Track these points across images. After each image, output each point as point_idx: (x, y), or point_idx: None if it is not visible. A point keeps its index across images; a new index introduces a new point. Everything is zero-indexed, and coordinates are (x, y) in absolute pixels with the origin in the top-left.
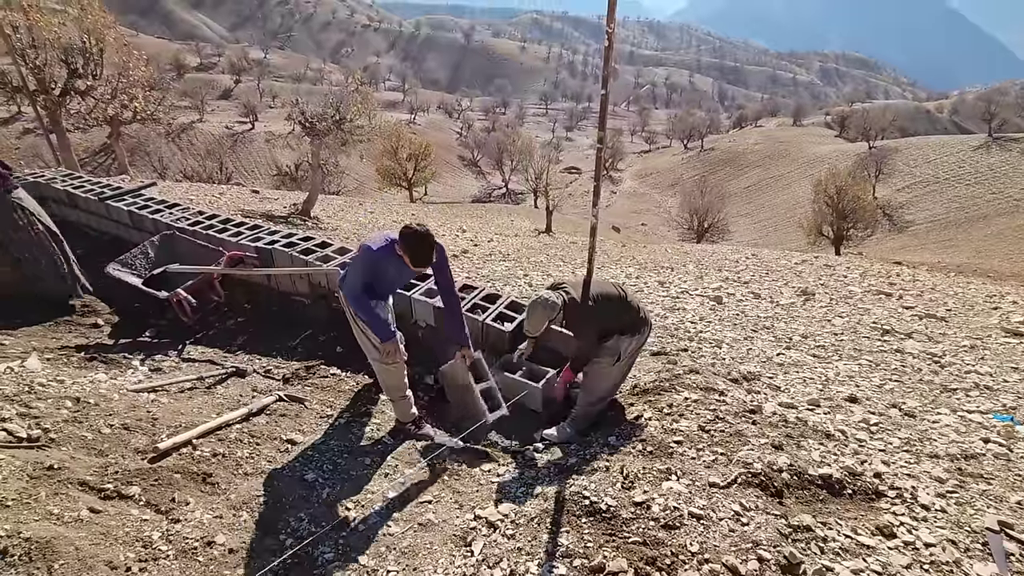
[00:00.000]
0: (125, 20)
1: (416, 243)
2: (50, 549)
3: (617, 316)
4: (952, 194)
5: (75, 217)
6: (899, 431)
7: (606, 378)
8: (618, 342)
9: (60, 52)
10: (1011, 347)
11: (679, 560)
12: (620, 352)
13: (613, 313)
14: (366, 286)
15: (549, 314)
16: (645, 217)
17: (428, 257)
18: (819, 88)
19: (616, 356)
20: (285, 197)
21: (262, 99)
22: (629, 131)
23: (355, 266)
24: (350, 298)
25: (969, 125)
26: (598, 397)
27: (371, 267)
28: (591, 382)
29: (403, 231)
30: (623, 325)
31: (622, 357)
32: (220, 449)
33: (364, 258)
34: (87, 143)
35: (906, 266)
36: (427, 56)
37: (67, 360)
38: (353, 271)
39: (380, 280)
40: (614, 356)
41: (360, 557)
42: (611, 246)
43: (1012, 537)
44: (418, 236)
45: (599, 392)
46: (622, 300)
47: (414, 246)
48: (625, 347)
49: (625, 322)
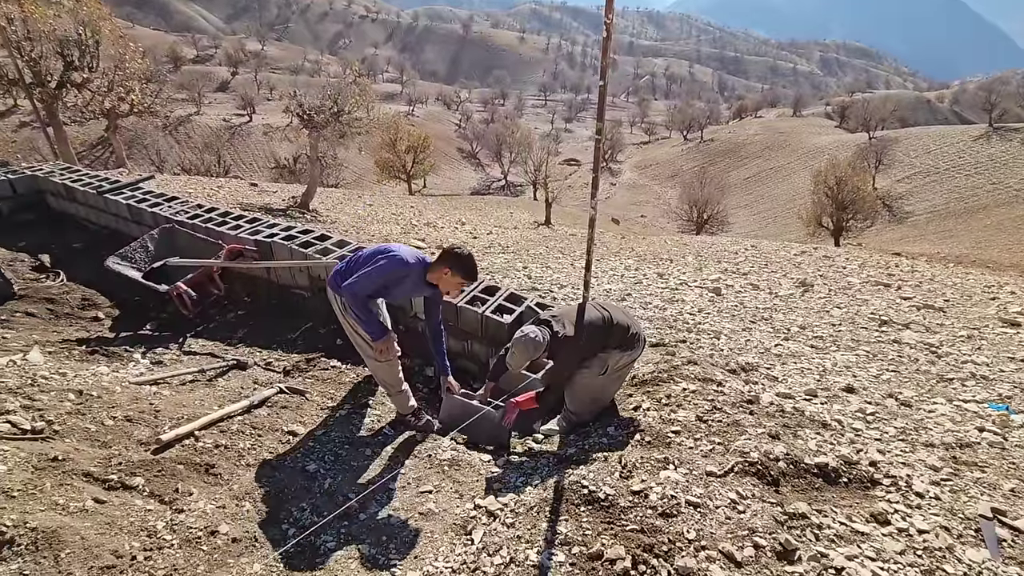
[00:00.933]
0: (121, 12)
1: (468, 262)
2: (56, 539)
3: (603, 341)
4: (952, 184)
5: (74, 211)
6: (895, 420)
7: (589, 389)
8: (607, 355)
9: (56, 44)
10: (1008, 337)
11: (676, 547)
12: (608, 365)
13: (599, 340)
14: (376, 291)
15: (533, 354)
16: (644, 209)
17: (476, 271)
18: (819, 78)
19: (604, 368)
20: (284, 190)
21: (259, 91)
22: (629, 122)
23: (375, 271)
24: (350, 296)
25: (970, 115)
26: (582, 407)
27: (395, 277)
28: (574, 390)
29: (451, 252)
30: (609, 345)
31: (609, 370)
32: (222, 440)
33: (391, 267)
34: (84, 136)
35: (905, 257)
36: (425, 47)
37: (69, 353)
38: (368, 276)
39: (391, 289)
40: (602, 368)
41: (362, 546)
42: (610, 238)
43: (1005, 524)
44: (468, 256)
45: (582, 400)
46: (607, 324)
47: (467, 264)
48: (614, 361)
49: (611, 344)
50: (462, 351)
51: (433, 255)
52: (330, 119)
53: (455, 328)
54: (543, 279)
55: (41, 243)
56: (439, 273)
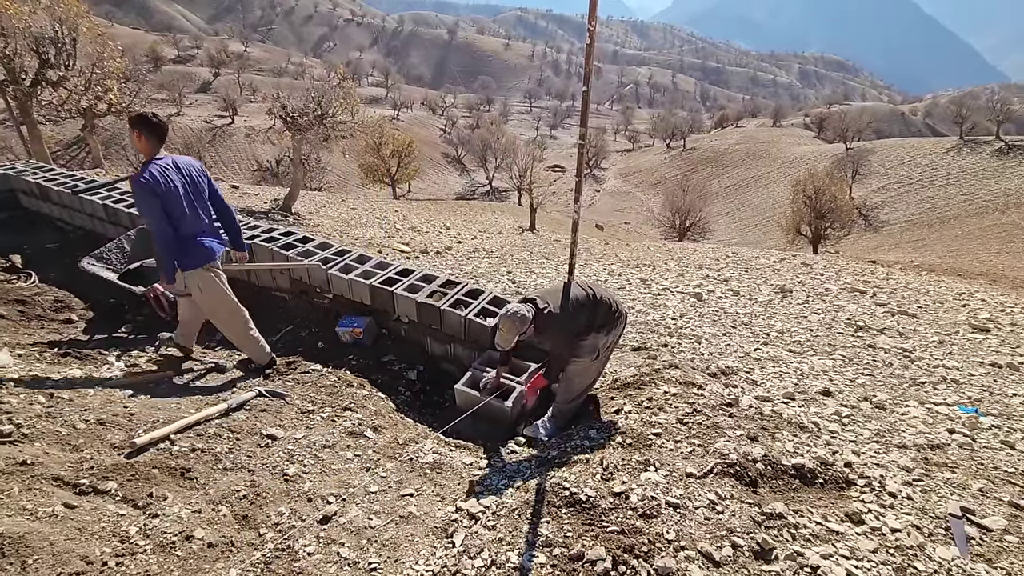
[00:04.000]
0: (99, 10)
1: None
2: (23, 544)
3: (589, 317)
4: (925, 195)
5: (47, 210)
6: (869, 423)
7: (585, 375)
8: (596, 339)
9: (31, 41)
10: (978, 342)
11: (656, 547)
12: (598, 348)
13: (585, 316)
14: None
15: (519, 327)
16: (628, 215)
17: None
18: (798, 90)
19: (595, 353)
20: (266, 192)
21: (242, 93)
22: (613, 130)
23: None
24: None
25: (942, 128)
26: (576, 395)
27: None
28: (570, 380)
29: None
30: (597, 324)
31: (600, 353)
32: (199, 444)
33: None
34: (59, 135)
35: (880, 265)
36: (410, 52)
37: (40, 356)
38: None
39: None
40: (593, 353)
41: (342, 550)
42: (594, 244)
43: (973, 522)
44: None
45: (577, 389)
46: (592, 300)
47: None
48: (603, 343)
49: (598, 321)
50: (445, 354)
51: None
52: (314, 122)
53: (438, 331)
54: (527, 283)
55: (13, 243)
56: (134, 138)
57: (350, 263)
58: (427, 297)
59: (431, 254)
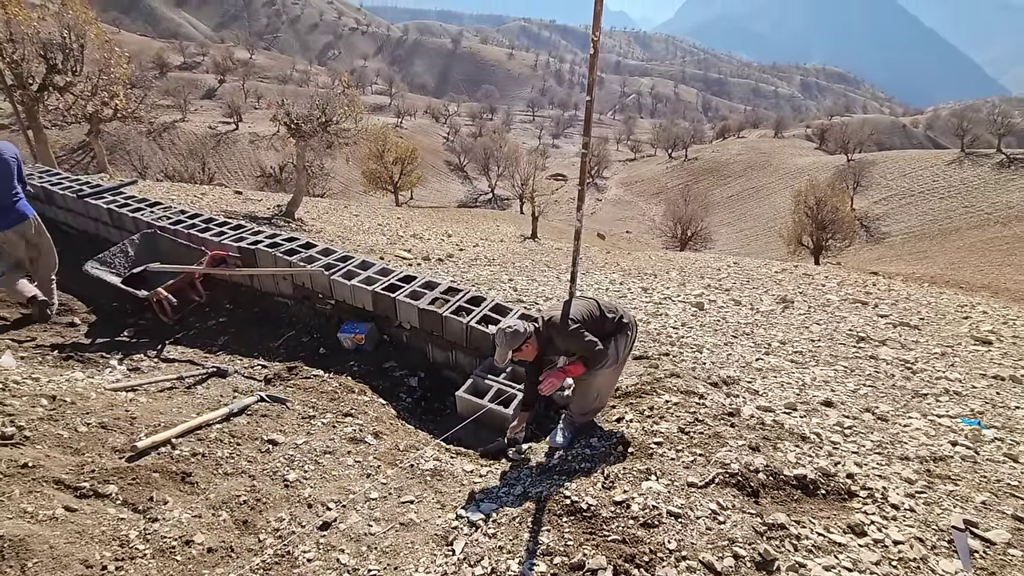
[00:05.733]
0: (107, 16)
1: None
2: (23, 547)
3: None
4: (926, 207)
5: (52, 214)
6: (872, 434)
7: (605, 384)
8: (615, 343)
9: (39, 47)
10: (980, 354)
11: (657, 557)
12: (618, 353)
13: (597, 328)
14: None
15: (512, 344)
16: (630, 225)
17: None
18: (800, 101)
19: (616, 358)
20: (269, 198)
21: (247, 100)
22: (615, 139)
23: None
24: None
25: (943, 140)
26: (590, 408)
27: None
28: (587, 390)
29: None
30: (607, 333)
31: (619, 358)
32: (200, 449)
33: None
34: (64, 140)
35: (882, 276)
36: (414, 60)
37: (42, 359)
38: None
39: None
40: (615, 359)
41: (341, 556)
42: (596, 252)
43: (977, 535)
44: None
45: (592, 401)
46: (602, 315)
47: None
48: (620, 347)
49: (609, 331)
50: (446, 361)
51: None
52: (318, 129)
53: (440, 338)
54: (529, 291)
55: None
56: None
57: (352, 269)
58: (429, 304)
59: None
